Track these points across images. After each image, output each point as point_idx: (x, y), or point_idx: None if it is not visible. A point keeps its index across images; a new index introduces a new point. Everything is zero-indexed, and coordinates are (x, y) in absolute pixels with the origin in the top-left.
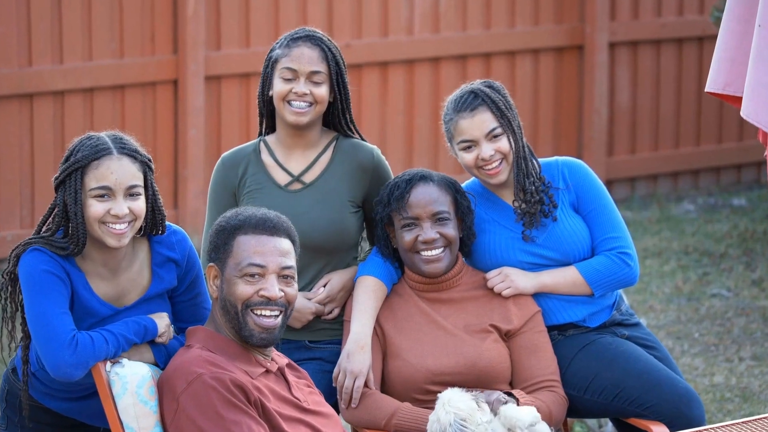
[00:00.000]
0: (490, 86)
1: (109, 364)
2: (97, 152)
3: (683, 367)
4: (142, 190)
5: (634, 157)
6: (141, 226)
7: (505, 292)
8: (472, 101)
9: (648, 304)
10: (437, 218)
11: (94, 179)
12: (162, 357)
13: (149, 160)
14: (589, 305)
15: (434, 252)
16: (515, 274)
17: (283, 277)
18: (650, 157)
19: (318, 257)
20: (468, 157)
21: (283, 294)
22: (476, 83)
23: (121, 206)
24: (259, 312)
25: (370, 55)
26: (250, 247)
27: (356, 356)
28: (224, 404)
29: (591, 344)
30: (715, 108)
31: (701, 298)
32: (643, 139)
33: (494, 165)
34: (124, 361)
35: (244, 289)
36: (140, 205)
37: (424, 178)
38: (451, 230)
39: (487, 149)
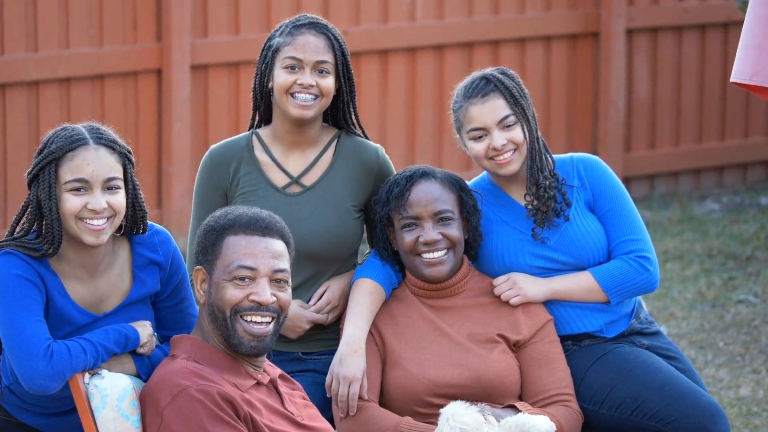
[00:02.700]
0: (503, 73)
1: (87, 375)
2: (72, 143)
3: (707, 378)
4: (121, 184)
5: (654, 152)
6: (121, 224)
7: (513, 301)
8: (483, 87)
9: (669, 311)
10: (439, 218)
11: (69, 171)
12: (145, 368)
13: (129, 152)
14: (605, 314)
15: (436, 254)
16: (524, 281)
17: (275, 281)
18: (671, 153)
19: (315, 266)
20: (478, 147)
21: (275, 299)
22: (488, 69)
23: (99, 200)
24: (249, 318)
25: (369, 42)
26: (240, 249)
27: (349, 360)
28: (211, 419)
29: (607, 354)
30: (741, 100)
31: (726, 305)
32: (664, 134)
33: (506, 155)
34: (104, 372)
35: (233, 294)
36: (119, 199)
37: (425, 174)
38: (454, 231)
39: (498, 138)
